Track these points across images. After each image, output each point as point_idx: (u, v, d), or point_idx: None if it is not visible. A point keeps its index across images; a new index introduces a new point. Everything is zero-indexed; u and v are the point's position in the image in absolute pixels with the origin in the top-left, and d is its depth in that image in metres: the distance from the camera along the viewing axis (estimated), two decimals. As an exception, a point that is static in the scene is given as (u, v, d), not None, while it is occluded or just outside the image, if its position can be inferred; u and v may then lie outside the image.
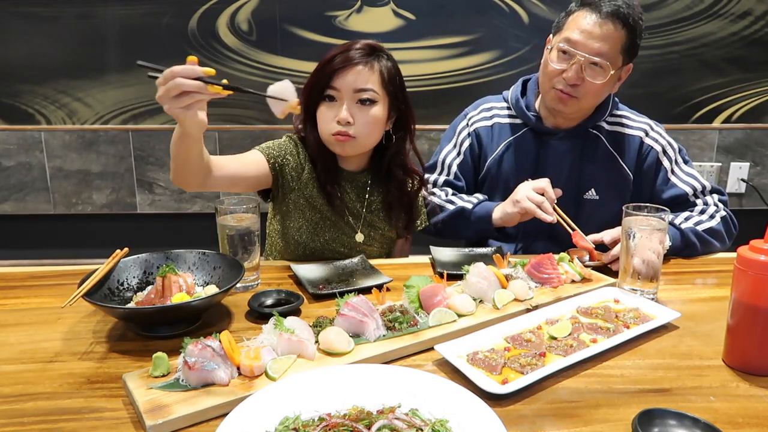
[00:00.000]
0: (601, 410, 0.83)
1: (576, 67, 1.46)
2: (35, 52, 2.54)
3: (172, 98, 0.99)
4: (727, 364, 0.96)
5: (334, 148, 1.43)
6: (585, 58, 1.45)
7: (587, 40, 1.45)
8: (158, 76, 1.00)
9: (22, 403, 0.85)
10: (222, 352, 0.87)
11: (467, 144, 1.70)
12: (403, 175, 1.52)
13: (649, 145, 1.60)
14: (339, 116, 1.37)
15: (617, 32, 1.44)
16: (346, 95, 1.37)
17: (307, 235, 1.48)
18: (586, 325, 1.06)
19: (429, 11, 2.56)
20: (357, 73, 1.36)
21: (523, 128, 1.65)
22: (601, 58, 1.45)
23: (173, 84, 0.98)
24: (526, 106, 1.64)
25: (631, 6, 1.45)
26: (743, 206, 2.86)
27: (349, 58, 1.36)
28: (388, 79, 1.40)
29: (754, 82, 2.69)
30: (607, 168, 1.61)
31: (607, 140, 1.61)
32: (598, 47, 1.44)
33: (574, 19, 1.48)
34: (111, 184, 2.71)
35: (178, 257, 1.21)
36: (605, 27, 1.43)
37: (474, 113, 1.73)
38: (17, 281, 1.31)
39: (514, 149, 1.65)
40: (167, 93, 0.99)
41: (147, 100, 2.61)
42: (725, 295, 1.03)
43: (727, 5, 2.59)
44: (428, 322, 1.05)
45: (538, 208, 1.40)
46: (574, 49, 1.46)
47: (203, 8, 2.52)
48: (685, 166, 1.62)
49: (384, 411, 0.76)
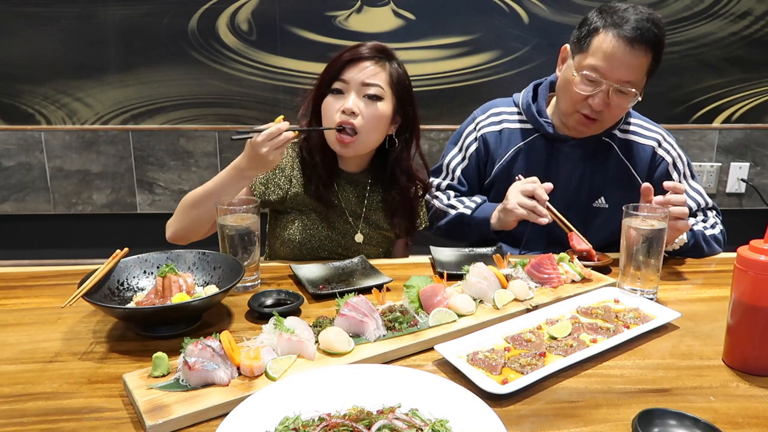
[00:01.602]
0: (601, 410, 0.83)
1: (602, 94, 1.43)
2: (35, 52, 2.55)
3: (274, 147, 1.24)
4: (727, 364, 0.96)
5: (335, 147, 1.43)
6: (612, 86, 1.42)
7: (615, 68, 1.40)
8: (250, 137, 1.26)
9: (22, 403, 0.85)
10: (222, 352, 0.87)
11: (473, 148, 1.70)
12: (407, 181, 1.52)
13: (661, 156, 1.58)
14: (344, 106, 1.38)
15: (645, 58, 1.40)
16: (354, 87, 1.38)
17: (305, 236, 1.48)
18: (586, 325, 1.06)
19: (429, 11, 2.56)
20: (366, 67, 1.38)
21: (534, 134, 1.63)
22: (628, 85, 1.41)
23: (284, 138, 1.25)
24: (537, 112, 1.61)
25: (656, 22, 1.39)
26: (743, 206, 2.87)
27: (359, 54, 1.39)
28: (397, 81, 1.42)
29: (754, 82, 2.69)
30: (617, 177, 1.59)
31: (619, 149, 1.59)
32: (626, 75, 1.40)
33: (599, 42, 1.41)
34: (111, 184, 2.71)
35: (178, 257, 1.21)
36: (633, 54, 1.38)
37: (482, 117, 1.71)
38: (17, 281, 1.31)
39: (525, 155, 1.63)
40: (275, 144, 1.24)
41: (147, 100, 2.61)
42: (725, 295, 1.03)
43: (727, 5, 2.59)
44: (428, 322, 1.04)
45: (531, 213, 1.39)
46: (601, 79, 1.41)
47: (203, 8, 2.52)
48: (692, 181, 1.61)
49: (384, 411, 0.76)
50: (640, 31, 1.37)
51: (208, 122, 2.65)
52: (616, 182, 1.59)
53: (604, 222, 1.60)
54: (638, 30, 1.37)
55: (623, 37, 1.38)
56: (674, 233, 1.36)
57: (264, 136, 1.23)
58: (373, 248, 1.55)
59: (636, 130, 1.61)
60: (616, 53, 1.39)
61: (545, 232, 1.61)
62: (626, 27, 1.38)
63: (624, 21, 1.39)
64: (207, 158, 2.68)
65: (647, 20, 1.38)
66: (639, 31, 1.37)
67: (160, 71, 2.56)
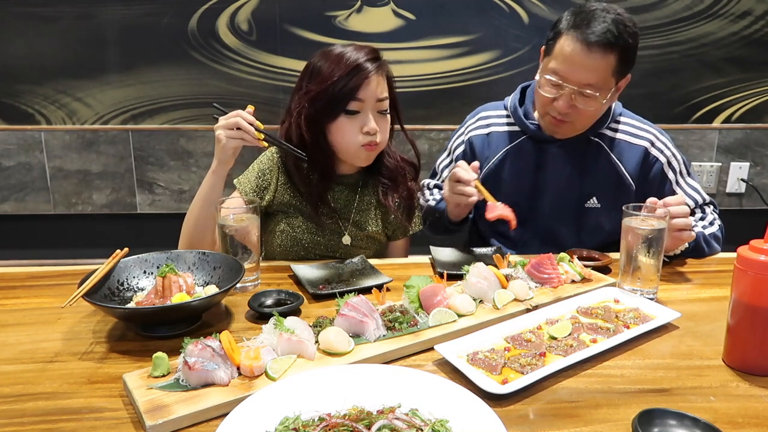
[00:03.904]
0: (601, 410, 0.83)
1: (565, 97, 1.42)
2: (35, 52, 2.55)
3: (226, 128, 1.29)
4: (727, 364, 0.96)
5: (360, 157, 1.43)
6: (574, 89, 1.41)
7: (575, 71, 1.39)
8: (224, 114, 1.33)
9: (22, 403, 0.85)
10: (222, 352, 0.87)
11: (459, 150, 1.71)
12: (394, 163, 1.52)
13: (655, 156, 1.57)
14: (368, 127, 1.37)
15: (605, 60, 1.38)
16: (369, 106, 1.37)
17: (292, 238, 1.48)
18: (586, 325, 1.06)
19: (429, 11, 2.56)
20: (377, 83, 1.37)
21: (522, 136, 1.62)
22: (590, 89, 1.40)
23: (234, 118, 1.29)
24: (524, 114, 1.61)
25: (621, 22, 1.37)
26: (743, 206, 2.87)
27: (370, 70, 1.35)
28: (391, 81, 1.43)
29: (754, 82, 2.69)
30: (608, 176, 1.58)
31: (609, 148, 1.57)
32: (586, 78, 1.39)
33: (561, 45, 1.40)
34: (111, 184, 2.71)
35: (178, 257, 1.21)
36: (592, 57, 1.37)
37: (472, 121, 1.72)
38: (17, 281, 1.31)
39: (513, 158, 1.62)
40: (226, 123, 1.30)
41: (147, 100, 2.61)
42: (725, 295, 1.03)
43: (727, 5, 2.59)
44: (428, 322, 1.04)
45: (461, 196, 1.41)
46: (562, 81, 1.42)
47: (203, 8, 2.52)
48: (689, 178, 1.60)
49: (384, 411, 0.76)
50: (598, 34, 1.35)
51: (208, 122, 2.65)
52: (607, 182, 1.58)
53: (599, 222, 1.60)
54: (596, 32, 1.36)
55: (581, 40, 1.37)
56: (678, 243, 1.37)
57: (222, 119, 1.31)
58: (360, 251, 1.52)
59: (627, 130, 1.59)
60: (574, 57, 1.38)
61: (538, 233, 1.61)
62: (586, 30, 1.37)
63: (585, 23, 1.37)
64: (207, 158, 2.68)
65: (612, 21, 1.37)
66: (597, 33, 1.35)
67: (160, 71, 2.56)
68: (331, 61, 1.37)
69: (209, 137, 2.65)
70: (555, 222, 1.61)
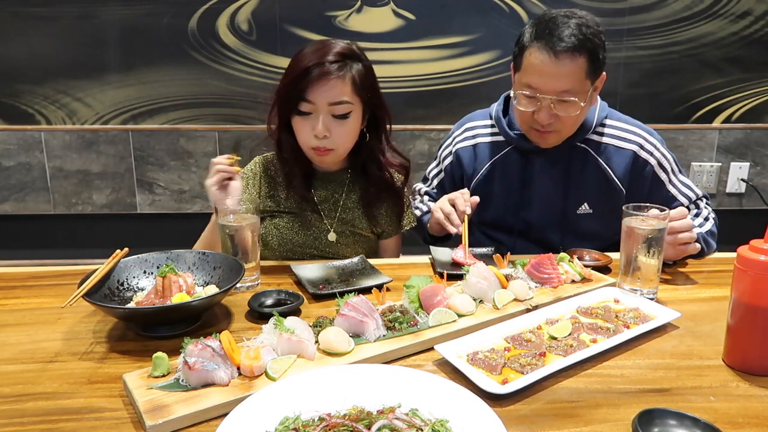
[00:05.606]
0: (601, 410, 0.83)
1: (545, 108, 1.41)
2: (35, 52, 2.55)
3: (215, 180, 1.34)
4: (727, 364, 0.96)
5: (314, 159, 1.45)
6: (551, 99, 1.40)
7: (547, 81, 1.38)
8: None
9: (22, 403, 0.85)
10: (222, 352, 0.87)
11: (448, 162, 1.71)
12: (378, 171, 1.50)
13: (645, 159, 1.54)
14: (316, 130, 1.36)
15: (575, 64, 1.36)
16: (321, 108, 1.35)
17: (280, 238, 1.48)
18: (586, 325, 1.06)
19: (429, 11, 2.56)
20: (331, 86, 1.33)
21: (507, 147, 1.60)
22: (567, 95, 1.39)
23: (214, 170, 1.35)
24: (508, 124, 1.59)
25: (585, 25, 1.36)
26: (743, 206, 2.87)
27: (323, 72, 1.32)
28: (360, 85, 1.37)
29: (754, 82, 2.69)
30: (597, 181, 1.56)
31: (596, 153, 1.55)
32: (561, 85, 1.38)
33: (528, 58, 1.39)
34: (111, 184, 2.72)
35: (178, 257, 1.21)
36: (562, 64, 1.35)
37: (458, 132, 1.70)
38: (17, 281, 1.31)
39: (501, 169, 1.61)
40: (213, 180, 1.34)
41: (147, 100, 2.61)
42: (725, 295, 1.03)
43: (727, 5, 2.59)
44: (428, 322, 1.04)
45: (445, 219, 1.42)
46: (537, 94, 1.40)
47: (203, 8, 2.52)
48: (681, 175, 1.59)
49: (384, 411, 0.76)
50: (565, 42, 1.35)
51: (208, 122, 2.65)
52: (597, 187, 1.56)
53: (593, 227, 1.58)
54: (561, 38, 1.35)
55: (548, 49, 1.36)
56: (681, 254, 1.36)
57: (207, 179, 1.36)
58: (348, 248, 1.52)
59: (614, 134, 1.57)
60: (543, 67, 1.37)
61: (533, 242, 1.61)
62: (551, 38, 1.36)
63: (547, 32, 1.36)
64: (207, 158, 2.68)
65: (575, 26, 1.36)
66: (562, 40, 1.35)
67: (160, 71, 2.56)
68: (295, 59, 1.38)
69: (209, 137, 2.65)
70: (548, 230, 1.60)
